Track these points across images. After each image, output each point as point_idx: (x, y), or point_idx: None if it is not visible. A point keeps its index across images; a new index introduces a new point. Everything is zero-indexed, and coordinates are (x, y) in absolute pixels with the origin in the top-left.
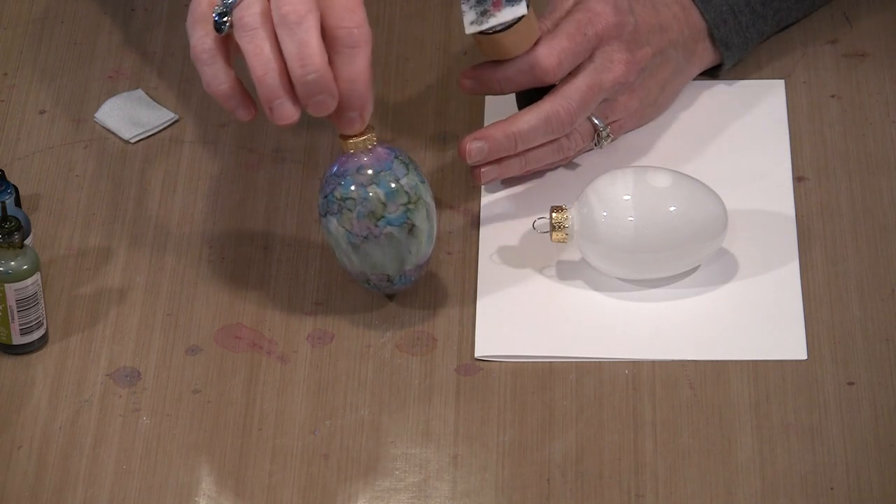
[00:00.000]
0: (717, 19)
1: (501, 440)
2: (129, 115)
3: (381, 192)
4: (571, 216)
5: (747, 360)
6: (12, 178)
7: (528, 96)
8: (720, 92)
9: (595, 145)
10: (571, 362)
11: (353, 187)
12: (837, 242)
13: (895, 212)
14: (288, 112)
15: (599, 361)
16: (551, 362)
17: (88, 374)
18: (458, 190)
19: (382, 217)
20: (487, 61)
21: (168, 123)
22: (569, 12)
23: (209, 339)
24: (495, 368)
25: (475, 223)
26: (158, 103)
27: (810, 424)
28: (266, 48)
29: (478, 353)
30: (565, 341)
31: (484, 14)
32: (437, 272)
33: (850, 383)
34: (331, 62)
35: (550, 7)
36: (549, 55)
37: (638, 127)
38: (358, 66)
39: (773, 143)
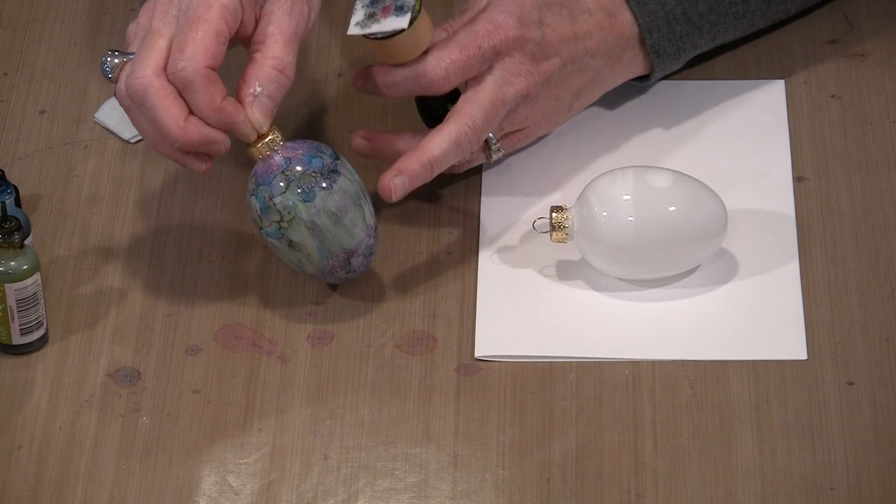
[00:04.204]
0: (650, 25)
1: (501, 440)
2: None
3: (257, 205)
4: (571, 216)
5: (747, 360)
6: (12, 178)
7: (427, 100)
8: (720, 92)
9: (486, 158)
10: (571, 362)
11: (247, 192)
12: (837, 242)
13: (895, 212)
14: (197, 166)
15: (599, 361)
16: (551, 362)
17: (88, 374)
18: (458, 190)
19: (261, 228)
20: (379, 63)
21: None
22: (471, 21)
23: (209, 339)
24: (495, 368)
25: (475, 223)
26: None
27: (810, 424)
28: (142, 125)
29: (478, 353)
30: (565, 341)
31: (371, 17)
32: (437, 272)
33: (850, 383)
34: (188, 102)
35: (463, 8)
36: (437, 66)
37: (548, 132)
38: (200, 101)
39: (773, 143)
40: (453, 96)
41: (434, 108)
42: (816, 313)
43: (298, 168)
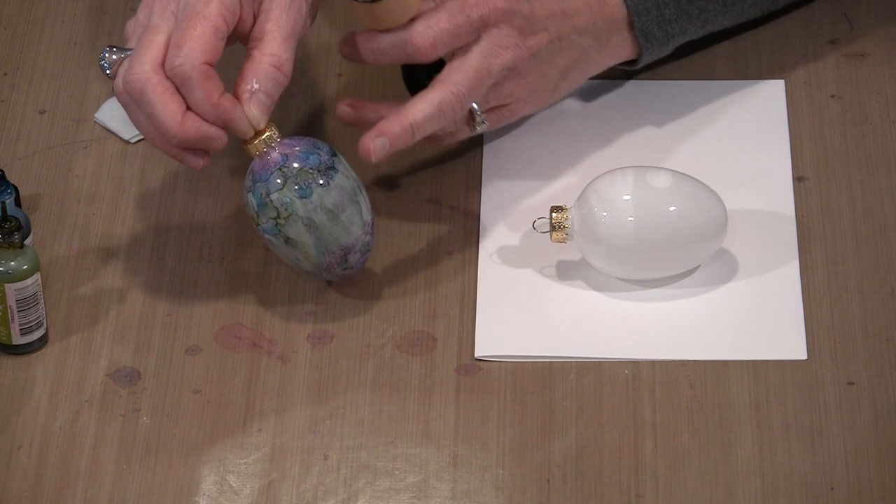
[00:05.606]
0: (638, 8)
1: (501, 440)
2: None
3: (253, 202)
4: (571, 216)
5: (747, 360)
6: (12, 178)
7: (413, 67)
8: (720, 92)
9: (471, 130)
10: (571, 362)
11: (244, 188)
12: (837, 242)
13: (895, 212)
14: (195, 162)
15: (599, 361)
16: (551, 362)
17: (88, 374)
18: (458, 190)
19: (258, 224)
20: (365, 30)
21: None
22: None
23: (209, 339)
24: (495, 368)
25: (475, 223)
26: None
27: (810, 424)
28: (139, 121)
29: (478, 353)
30: (565, 341)
31: None
32: (437, 272)
33: (850, 383)
34: (185, 98)
35: None
36: (424, 34)
37: (535, 112)
38: (197, 97)
39: (773, 143)
40: (439, 67)
41: (419, 78)
42: (816, 313)
43: (295, 165)
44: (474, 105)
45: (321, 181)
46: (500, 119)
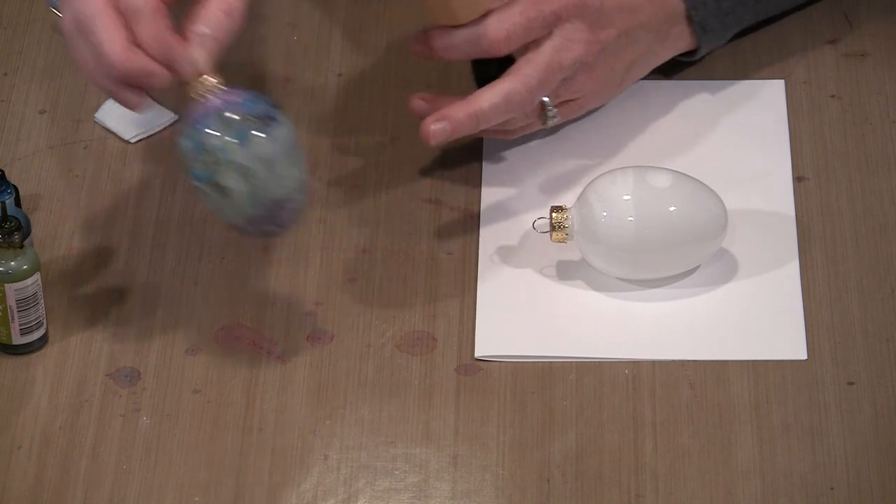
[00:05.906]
0: (695, 1)
1: (501, 440)
2: (129, 115)
3: (188, 146)
4: (571, 216)
5: (747, 360)
6: (12, 178)
7: (484, 65)
8: (720, 92)
9: (542, 123)
10: (571, 362)
11: (179, 133)
12: (837, 242)
13: (895, 212)
14: (132, 101)
15: (599, 361)
16: (551, 362)
17: (88, 374)
18: (458, 190)
19: (190, 169)
20: (438, 27)
21: (168, 123)
22: None
23: (209, 339)
24: (495, 368)
25: (475, 223)
26: (158, 103)
27: (810, 424)
28: (82, 53)
29: (478, 353)
30: (565, 341)
31: None
32: (437, 272)
33: (850, 383)
34: (133, 32)
35: None
36: (498, 28)
37: (601, 105)
38: (145, 31)
39: (773, 143)
40: (509, 64)
41: (489, 74)
42: (816, 313)
43: (235, 112)
44: (545, 98)
45: (259, 131)
46: (570, 113)
